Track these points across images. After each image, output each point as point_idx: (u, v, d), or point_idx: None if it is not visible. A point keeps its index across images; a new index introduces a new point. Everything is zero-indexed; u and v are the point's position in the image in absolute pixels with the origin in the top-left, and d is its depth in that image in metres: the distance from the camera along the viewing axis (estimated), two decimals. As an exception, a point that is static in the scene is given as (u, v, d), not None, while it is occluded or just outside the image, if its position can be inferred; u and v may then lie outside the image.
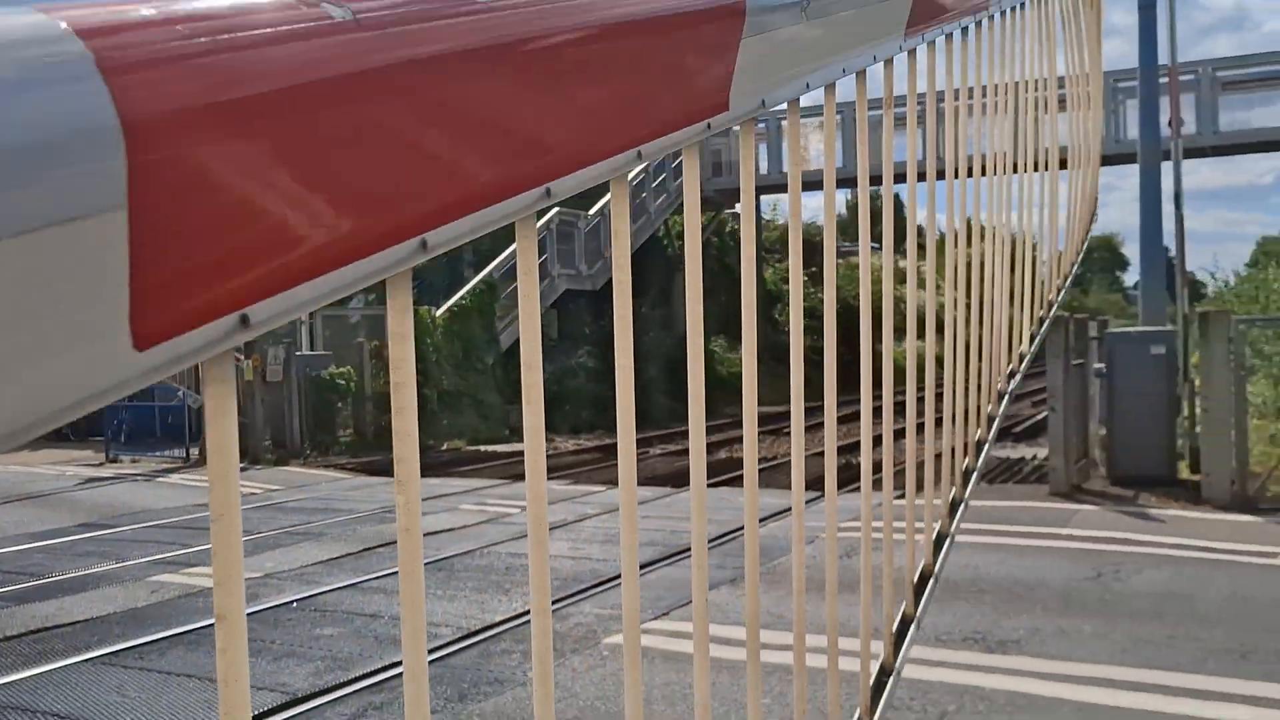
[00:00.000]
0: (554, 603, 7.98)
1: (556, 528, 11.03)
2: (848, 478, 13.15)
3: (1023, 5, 2.98)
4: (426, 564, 9.41)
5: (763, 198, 35.18)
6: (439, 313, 23.27)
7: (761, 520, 9.96)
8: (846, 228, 75.54)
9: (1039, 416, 23.91)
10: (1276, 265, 28.58)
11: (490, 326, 24.27)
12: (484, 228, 1.01)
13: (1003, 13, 2.82)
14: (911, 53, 2.19)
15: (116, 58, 0.65)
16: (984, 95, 2.72)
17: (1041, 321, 3.58)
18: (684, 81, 1.34)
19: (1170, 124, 14.20)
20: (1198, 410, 11.29)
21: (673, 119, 1.30)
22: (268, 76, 0.75)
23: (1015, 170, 3.16)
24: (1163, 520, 9.83)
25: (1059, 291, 3.88)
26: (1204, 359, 10.84)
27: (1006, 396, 3.05)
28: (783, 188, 33.46)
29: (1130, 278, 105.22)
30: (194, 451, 18.58)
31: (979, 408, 2.74)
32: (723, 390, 30.71)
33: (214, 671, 0.84)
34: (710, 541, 8.82)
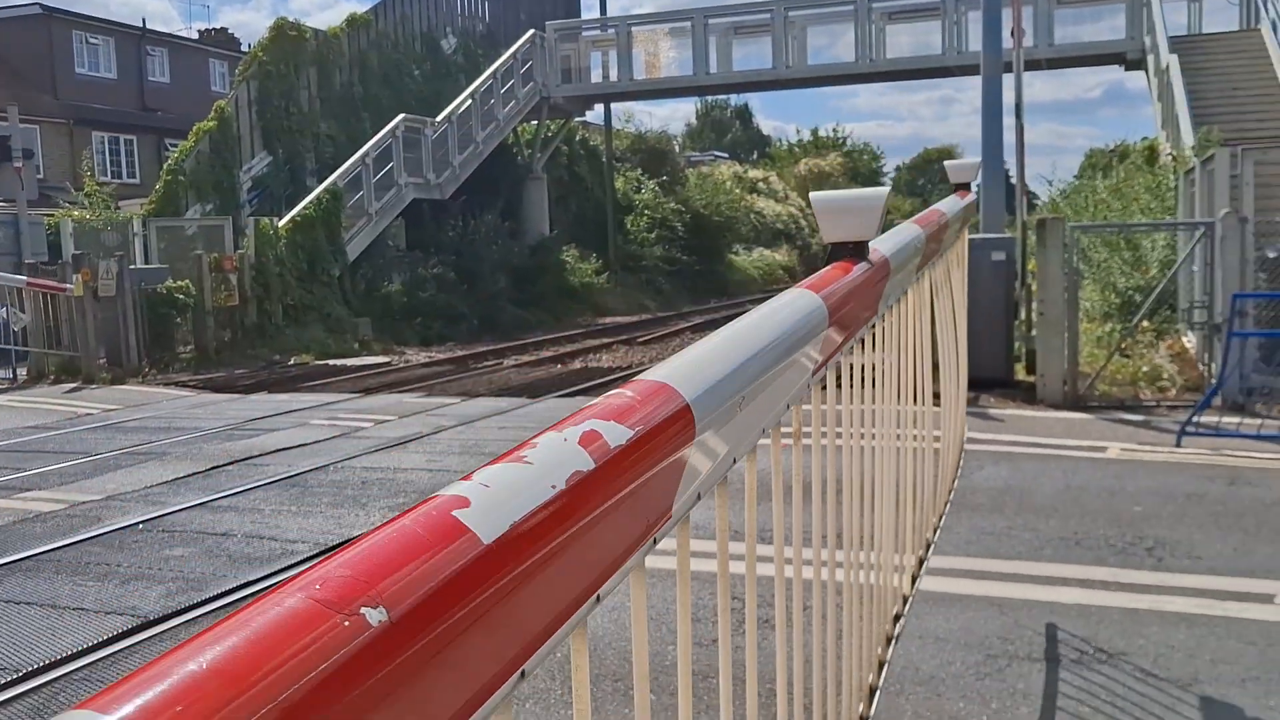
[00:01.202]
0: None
1: (412, 440, 10.90)
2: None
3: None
4: (279, 480, 9.20)
5: (613, 105, 34.88)
6: (281, 223, 22.45)
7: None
8: (696, 136, 75.35)
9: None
10: (1102, 176, 29.91)
11: (336, 237, 23.55)
12: None
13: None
14: None
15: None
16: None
17: (921, 562, 3.71)
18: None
19: (1012, 34, 14.55)
20: (1034, 314, 11.80)
21: None
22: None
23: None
24: (1001, 419, 10.30)
25: (935, 531, 4.04)
26: (1040, 264, 11.29)
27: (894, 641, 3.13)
28: (633, 95, 33.24)
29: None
30: (21, 372, 17.63)
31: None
32: (574, 300, 30.77)
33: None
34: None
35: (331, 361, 19.64)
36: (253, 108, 26.38)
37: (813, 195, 2.61)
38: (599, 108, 34.47)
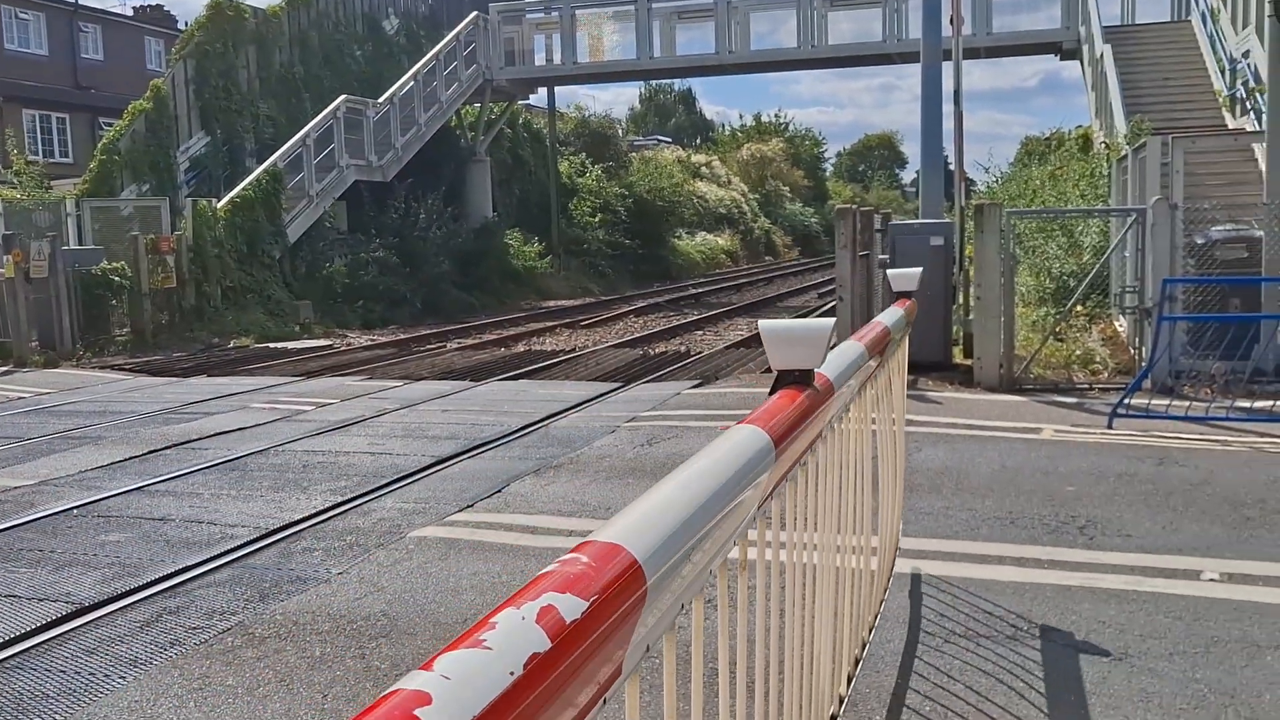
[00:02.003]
0: (356, 497, 7.86)
1: (354, 423, 10.83)
2: (645, 368, 13.53)
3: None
4: (218, 464, 9.09)
5: (557, 89, 34.72)
6: (220, 204, 22.09)
7: (563, 411, 10.15)
8: (640, 120, 75.33)
9: (827, 306, 24.91)
10: (1038, 163, 30.39)
11: (276, 218, 23.24)
12: None
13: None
14: None
15: None
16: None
17: (857, 661, 3.79)
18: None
19: (951, 22, 14.71)
20: (972, 299, 11.98)
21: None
22: None
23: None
24: (939, 402, 10.46)
25: (870, 630, 4.16)
26: (978, 250, 11.46)
27: None
28: (576, 79, 33.11)
29: (908, 175, 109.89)
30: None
31: None
32: (518, 283, 30.65)
33: None
34: (512, 433, 8.90)
35: (272, 345, 19.41)
36: (190, 87, 25.90)
37: (761, 325, 2.66)
38: (542, 91, 34.29)
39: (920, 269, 5.76)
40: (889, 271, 5.55)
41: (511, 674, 1.00)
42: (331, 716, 4.26)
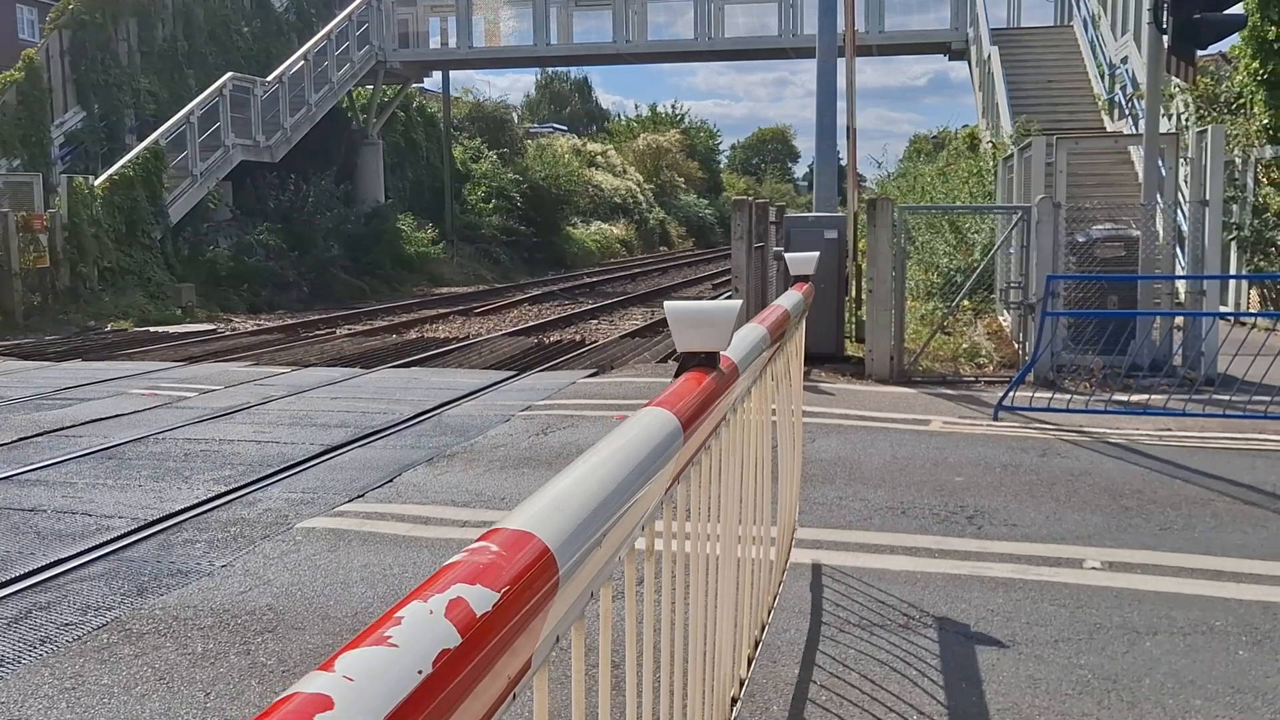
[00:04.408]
0: (242, 487, 7.62)
1: (239, 410, 10.51)
2: (540, 357, 13.44)
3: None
4: (93, 452, 8.72)
5: (452, 74, 34.26)
6: (98, 182, 21.24)
7: (456, 399, 9.98)
8: (535, 107, 74.83)
9: (721, 296, 25.06)
10: (925, 160, 31.05)
11: (158, 198, 22.44)
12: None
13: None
14: None
15: None
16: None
17: (757, 644, 3.79)
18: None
19: (847, 24, 14.91)
20: (864, 292, 12.15)
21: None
22: None
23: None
24: (832, 393, 10.59)
25: (769, 612, 4.19)
26: (870, 244, 11.63)
27: None
28: (472, 63, 32.70)
29: (799, 169, 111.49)
30: None
31: None
32: (410, 270, 30.17)
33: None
34: (404, 421, 8.71)
35: (152, 328, 18.75)
36: (65, 58, 24.86)
37: (667, 305, 2.61)
38: (437, 75, 33.82)
39: (817, 253, 5.80)
40: (787, 255, 5.58)
41: (420, 673, 0.93)
42: (214, 715, 4.10)
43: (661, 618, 2.28)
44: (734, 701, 3.30)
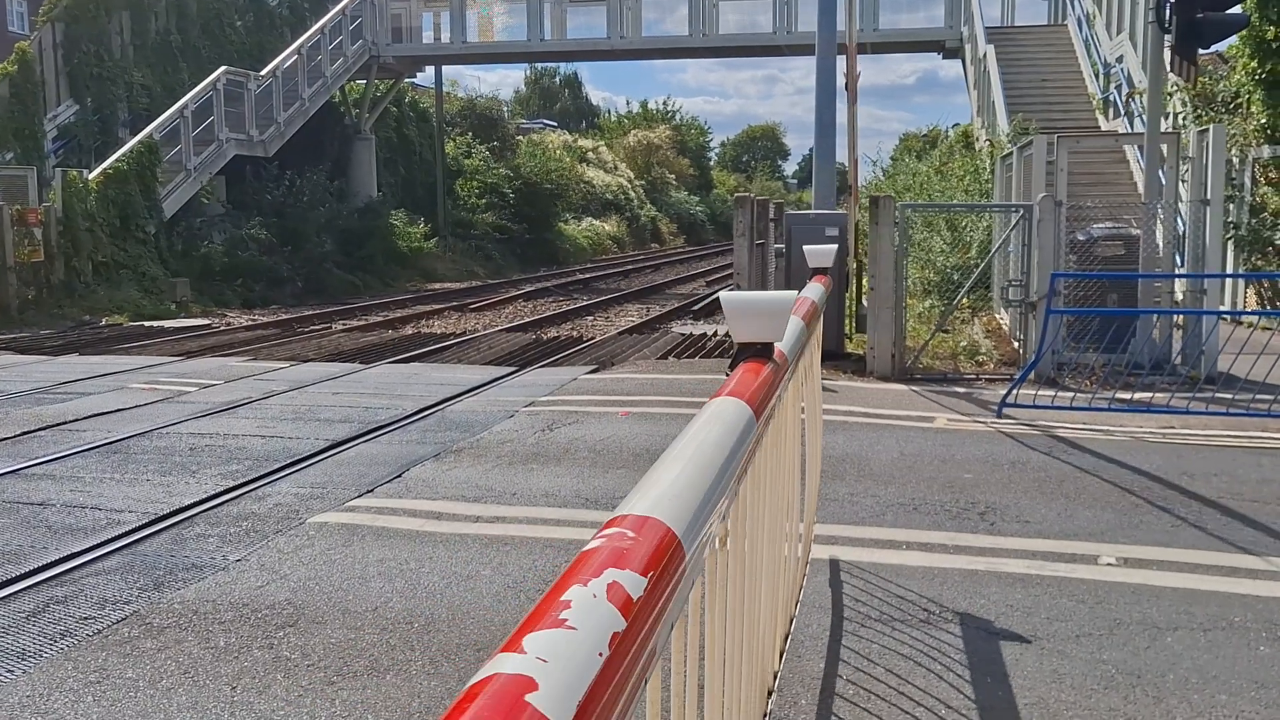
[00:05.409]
0: (250, 482, 7.60)
1: (241, 405, 10.48)
2: (539, 353, 13.45)
3: None
4: (99, 446, 8.69)
5: (444, 69, 34.18)
6: (92, 176, 21.14)
7: (459, 395, 9.98)
8: (525, 103, 74.71)
9: (715, 294, 25.06)
10: (915, 159, 31.10)
11: (152, 192, 22.33)
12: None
13: None
14: None
15: None
16: None
17: (787, 637, 3.80)
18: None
19: (848, 22, 14.91)
20: (865, 290, 12.17)
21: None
22: None
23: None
24: (835, 390, 10.61)
25: (796, 605, 4.20)
26: (872, 242, 11.65)
27: None
28: (465, 59, 32.62)
29: (789, 167, 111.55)
30: None
31: None
32: (403, 265, 30.09)
33: None
34: (407, 417, 8.71)
35: (147, 323, 18.67)
36: (59, 51, 24.73)
37: (723, 296, 2.63)
38: (430, 70, 33.73)
39: (835, 246, 5.81)
40: (806, 248, 5.57)
41: (600, 655, 0.95)
42: (242, 708, 4.10)
43: (729, 604, 2.29)
44: (769, 694, 3.31)
